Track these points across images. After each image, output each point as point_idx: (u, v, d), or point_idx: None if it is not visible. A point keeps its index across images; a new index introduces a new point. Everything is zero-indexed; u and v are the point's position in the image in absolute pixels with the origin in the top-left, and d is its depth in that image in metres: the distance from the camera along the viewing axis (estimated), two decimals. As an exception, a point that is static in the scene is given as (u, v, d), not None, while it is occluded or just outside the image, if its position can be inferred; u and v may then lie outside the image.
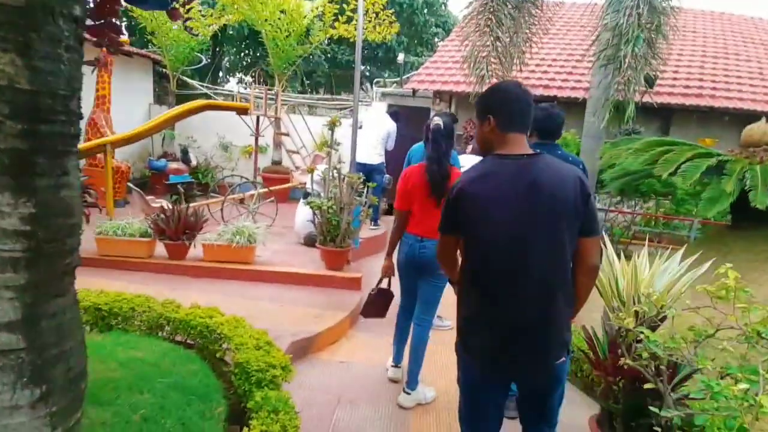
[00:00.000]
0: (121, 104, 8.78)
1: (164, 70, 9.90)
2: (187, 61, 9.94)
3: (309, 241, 5.85)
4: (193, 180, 8.88)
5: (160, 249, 5.14)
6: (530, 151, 1.71)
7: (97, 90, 7.74)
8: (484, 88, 7.67)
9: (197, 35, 9.22)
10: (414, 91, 10.11)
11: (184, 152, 8.83)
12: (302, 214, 5.90)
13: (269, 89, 8.39)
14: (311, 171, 5.30)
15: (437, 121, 3.18)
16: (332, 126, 4.88)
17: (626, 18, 5.83)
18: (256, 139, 8.06)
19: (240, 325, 3.07)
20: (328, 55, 19.67)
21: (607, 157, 5.31)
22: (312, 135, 9.16)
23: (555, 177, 1.64)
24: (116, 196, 7.92)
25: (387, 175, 7.39)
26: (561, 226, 1.63)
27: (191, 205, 6.21)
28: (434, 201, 3.07)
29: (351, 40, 9.40)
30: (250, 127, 8.07)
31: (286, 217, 6.82)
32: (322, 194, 5.38)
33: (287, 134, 8.82)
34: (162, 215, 4.95)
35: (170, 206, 5.95)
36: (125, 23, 16.67)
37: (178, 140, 9.99)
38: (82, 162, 7.68)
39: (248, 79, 8.54)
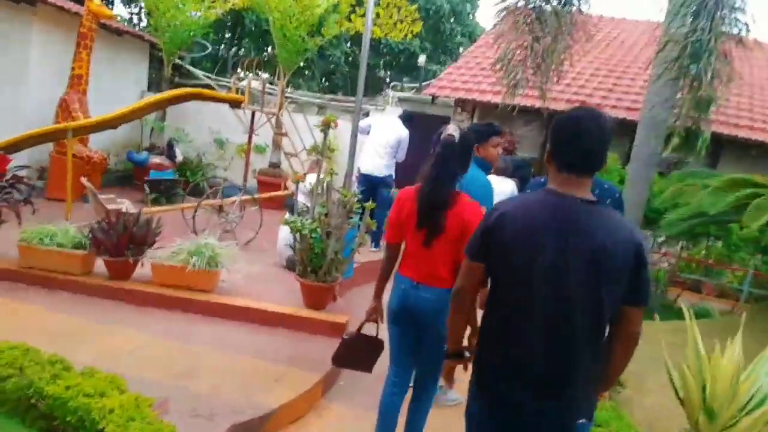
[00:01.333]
0: (108, 89, 7.86)
1: (160, 54, 8.97)
2: (184, 45, 9.01)
3: (291, 265, 4.79)
4: (176, 178, 7.89)
5: (101, 265, 4.11)
6: (590, 197, 1.57)
7: (73, 68, 6.79)
8: (516, 99, 6.72)
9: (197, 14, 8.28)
10: (433, 98, 9.07)
11: (170, 146, 7.86)
12: (285, 231, 4.85)
13: (270, 82, 7.39)
14: (297, 181, 4.23)
15: (451, 131, 2.37)
16: (325, 127, 3.83)
17: (703, 23, 4.75)
18: (250, 137, 7.08)
19: (139, 415, 2.00)
20: (350, 59, 18.79)
21: (669, 192, 4.19)
22: (314, 137, 8.14)
23: (609, 235, 1.50)
24: (84, 191, 6.96)
25: (395, 189, 6.29)
26: (601, 286, 1.50)
27: (151, 210, 5.21)
28: (421, 237, 2.32)
29: (372, 40, 8.41)
30: (243, 122, 7.09)
31: (274, 231, 5.77)
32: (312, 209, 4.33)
33: (286, 134, 7.82)
34: (102, 223, 3.92)
35: (130, 209, 4.96)
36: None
37: (170, 133, 9.04)
38: (47, 148, 6.73)
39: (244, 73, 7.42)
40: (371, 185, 6.34)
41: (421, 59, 11.09)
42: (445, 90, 8.66)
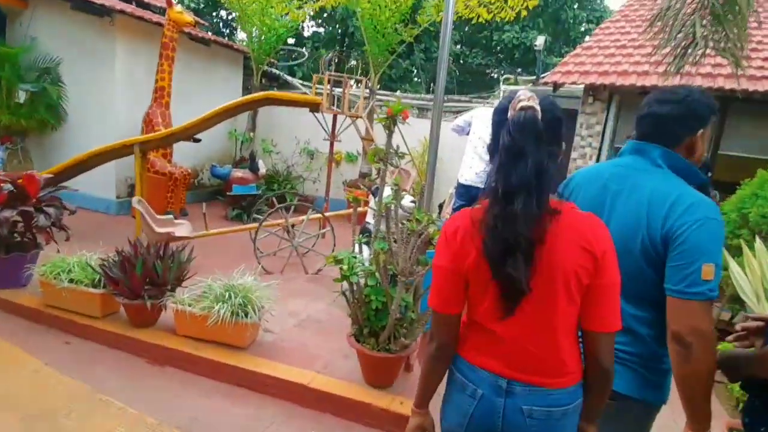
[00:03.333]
0: (203, 102, 7.55)
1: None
2: (273, 51, 8.48)
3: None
4: (259, 192, 7.26)
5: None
6: None
7: (156, 81, 6.49)
8: (683, 77, 4.75)
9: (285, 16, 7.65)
10: (556, 87, 7.29)
11: (252, 159, 7.28)
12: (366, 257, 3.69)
13: (350, 77, 6.37)
14: (355, 199, 2.99)
15: (526, 100, 1.12)
16: (389, 120, 2.54)
17: None
18: (331, 144, 6.14)
19: None
20: (461, 61, 17.43)
21: None
22: (406, 143, 6.96)
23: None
24: (170, 207, 6.63)
25: None
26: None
27: (209, 233, 4.41)
28: (505, 296, 1.15)
29: (482, 37, 6.99)
30: (325, 128, 6.18)
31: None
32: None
33: (373, 140, 6.74)
34: (117, 257, 3.12)
35: (185, 232, 4.21)
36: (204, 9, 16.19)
37: (260, 144, 8.58)
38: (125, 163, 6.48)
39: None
40: (472, 200, 4.92)
41: (539, 41, 9.25)
42: (571, 76, 6.84)
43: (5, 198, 3.39)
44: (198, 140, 6.40)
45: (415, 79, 18.34)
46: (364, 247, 2.89)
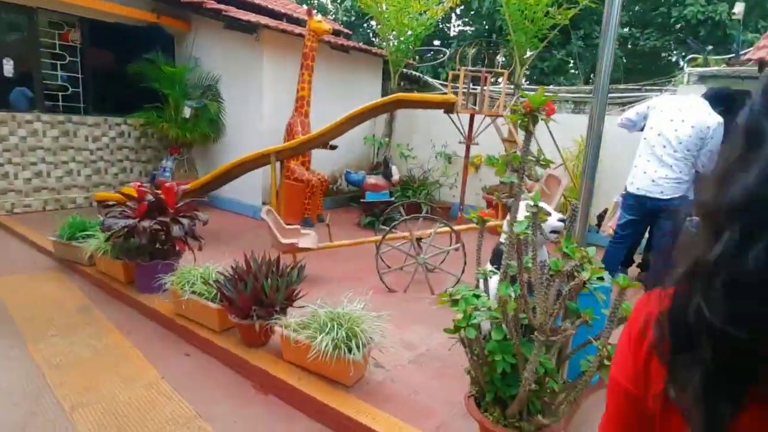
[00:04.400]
0: (343, 109, 7.62)
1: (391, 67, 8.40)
2: (410, 52, 8.16)
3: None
4: (392, 199, 6.99)
5: (241, 320, 3.22)
6: None
7: (297, 90, 6.67)
8: None
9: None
10: (762, 66, 5.53)
11: (385, 164, 7.03)
12: (496, 282, 3.05)
13: (489, 71, 5.63)
14: (482, 220, 2.33)
15: None
16: (529, 116, 1.85)
17: None
18: (467, 148, 5.52)
19: None
20: (629, 45, 15.15)
21: None
22: (556, 143, 5.94)
23: None
24: (307, 214, 6.76)
25: (695, 218, 3.62)
26: None
27: (332, 245, 4.19)
28: None
29: (657, 15, 5.71)
30: (460, 130, 5.58)
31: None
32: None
33: (514, 141, 5.92)
34: (226, 274, 3.00)
35: (310, 244, 4.07)
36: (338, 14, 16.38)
37: (397, 149, 8.35)
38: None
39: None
40: (646, 215, 3.85)
41: (738, 8, 7.23)
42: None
43: (145, 209, 3.58)
44: (334, 147, 6.38)
45: (572, 71, 16.46)
46: (493, 280, 2.25)
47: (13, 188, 6.14)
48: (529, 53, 6.97)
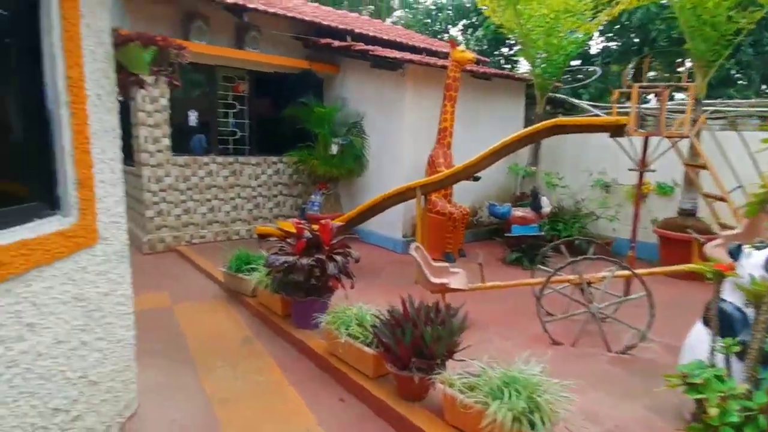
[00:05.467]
0: (484, 139, 7.32)
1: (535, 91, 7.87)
2: (559, 73, 7.55)
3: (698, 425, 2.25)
4: (542, 233, 6.37)
5: (396, 368, 3.01)
6: None
7: (439, 122, 6.55)
8: None
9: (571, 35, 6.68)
10: None
11: (534, 195, 6.45)
12: (696, 338, 2.39)
13: (669, 85, 4.79)
14: (709, 271, 1.74)
15: None
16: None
17: None
18: (641, 176, 4.73)
19: None
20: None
21: None
22: (757, 166, 4.81)
23: None
24: (448, 248, 6.49)
25: None
26: None
27: (482, 286, 3.83)
28: None
29: None
30: (629, 155, 4.83)
31: (677, 328, 3.31)
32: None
33: (704, 166, 4.93)
34: (382, 318, 2.82)
35: (460, 284, 3.79)
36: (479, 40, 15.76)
37: (544, 178, 7.71)
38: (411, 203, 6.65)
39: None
40: None
41: None
42: None
43: (304, 246, 3.65)
44: (477, 178, 6.07)
45: (739, 81, 13.89)
46: (733, 360, 1.68)
47: (192, 221, 6.99)
48: (709, 62, 5.89)
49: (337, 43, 7.09)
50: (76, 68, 2.23)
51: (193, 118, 7.10)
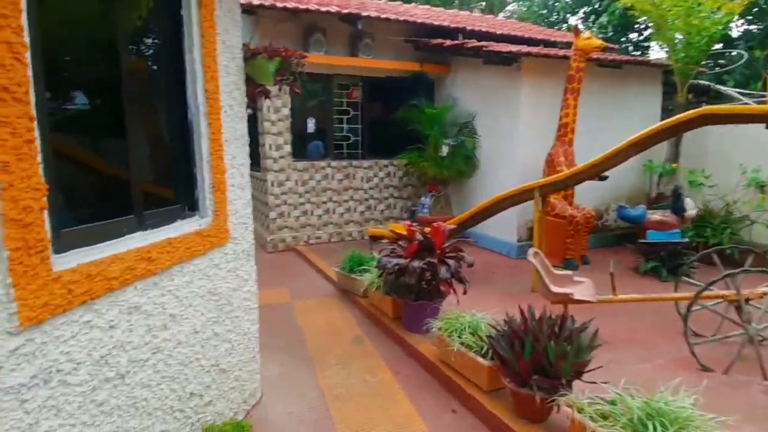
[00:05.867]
0: (612, 133, 6.63)
1: (673, 77, 6.93)
2: (702, 58, 6.55)
3: None
4: (685, 240, 5.55)
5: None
6: None
7: (560, 117, 6.08)
8: None
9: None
10: None
11: (675, 196, 5.64)
12: None
13: None
14: None
15: None
16: None
17: None
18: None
19: None
20: None
21: None
22: None
23: None
24: (569, 255, 5.98)
25: None
26: None
27: (616, 298, 3.43)
28: None
29: None
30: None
31: None
32: None
33: None
34: (498, 328, 2.63)
35: (587, 295, 3.47)
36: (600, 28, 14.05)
37: (685, 177, 6.75)
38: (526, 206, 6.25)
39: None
40: None
41: None
42: None
43: (415, 248, 3.60)
44: (605, 178, 5.50)
45: None
46: None
47: (309, 223, 7.40)
48: None
49: (448, 42, 6.97)
50: (213, 82, 2.43)
51: (311, 125, 7.51)
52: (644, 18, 8.41)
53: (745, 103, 6.98)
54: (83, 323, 1.66)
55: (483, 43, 6.62)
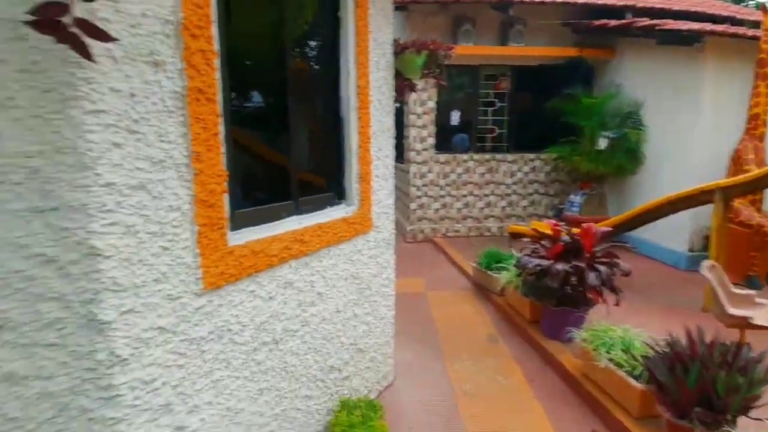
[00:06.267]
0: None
1: None
2: None
3: None
4: None
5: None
6: None
7: (749, 107, 5.05)
8: None
9: None
10: None
11: None
12: None
13: None
14: None
15: None
16: None
17: None
18: None
19: None
20: None
21: None
22: None
23: None
24: (753, 271, 4.95)
25: None
26: None
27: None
28: None
29: None
30: None
31: None
32: None
33: None
34: (657, 349, 2.29)
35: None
36: None
37: None
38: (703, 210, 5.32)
39: None
40: None
41: None
42: None
43: (560, 250, 3.34)
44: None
45: None
46: None
47: (448, 215, 7.41)
48: None
49: (614, 22, 6.26)
50: (364, 78, 2.57)
51: (455, 117, 7.47)
52: None
53: None
54: (249, 292, 1.91)
55: (657, 21, 5.79)
